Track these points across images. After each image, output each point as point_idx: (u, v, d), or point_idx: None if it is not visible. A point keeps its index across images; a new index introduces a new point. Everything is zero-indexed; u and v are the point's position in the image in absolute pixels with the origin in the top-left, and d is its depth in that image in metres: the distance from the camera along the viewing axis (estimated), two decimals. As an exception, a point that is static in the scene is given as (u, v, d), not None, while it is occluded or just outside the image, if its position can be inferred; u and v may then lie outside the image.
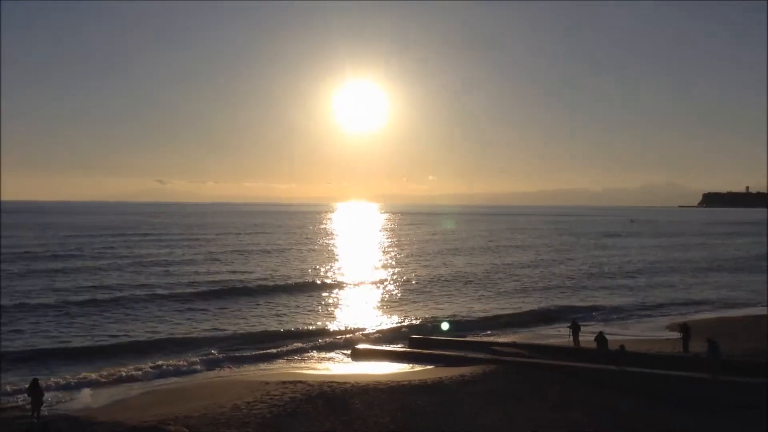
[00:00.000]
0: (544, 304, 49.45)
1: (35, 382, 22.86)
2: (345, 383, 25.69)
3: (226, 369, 30.90)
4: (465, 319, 43.06)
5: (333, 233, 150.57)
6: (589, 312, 46.22)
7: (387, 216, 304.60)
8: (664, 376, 25.93)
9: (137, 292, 51.27)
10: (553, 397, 23.81)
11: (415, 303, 49.98)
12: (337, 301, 50.72)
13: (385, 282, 61.29)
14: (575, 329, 32.79)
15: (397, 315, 44.69)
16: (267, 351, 33.88)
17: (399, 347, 34.47)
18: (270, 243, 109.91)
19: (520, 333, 39.41)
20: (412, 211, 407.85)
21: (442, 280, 62.97)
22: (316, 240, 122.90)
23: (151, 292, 51.36)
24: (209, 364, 31.23)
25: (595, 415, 21.74)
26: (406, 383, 25.67)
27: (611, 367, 27.18)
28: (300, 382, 26.15)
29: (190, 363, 31.04)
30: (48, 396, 24.19)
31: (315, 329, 39.55)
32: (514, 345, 33.33)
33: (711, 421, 21.19)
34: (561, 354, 30.92)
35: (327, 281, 61.11)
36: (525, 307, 47.76)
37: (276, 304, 48.52)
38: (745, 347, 31.38)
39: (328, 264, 77.06)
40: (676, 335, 33.77)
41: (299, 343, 35.52)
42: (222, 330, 38.92)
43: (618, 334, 37.49)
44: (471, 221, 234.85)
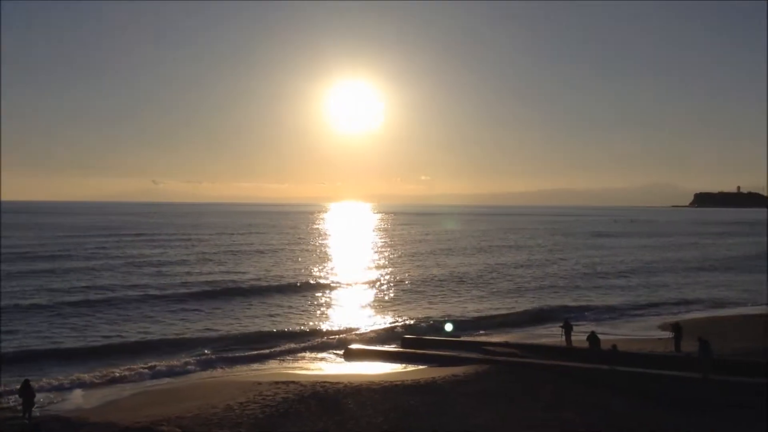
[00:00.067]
0: (536, 304, 49.54)
1: (26, 382, 22.75)
2: (338, 383, 25.69)
3: (218, 369, 30.85)
4: (458, 319, 43.04)
5: (326, 233, 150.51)
6: (582, 312, 46.36)
7: (380, 216, 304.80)
8: (656, 375, 26.07)
9: (130, 292, 51.14)
10: (546, 397, 23.88)
11: (408, 303, 50.01)
12: (330, 302, 50.70)
13: (378, 282, 61.31)
14: (568, 329, 32.93)
15: (390, 315, 44.73)
16: (260, 351, 33.85)
17: (392, 347, 34.51)
18: (263, 243, 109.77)
19: (512, 333, 39.51)
20: (405, 211, 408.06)
21: (435, 280, 63.03)
22: (309, 240, 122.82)
23: (144, 292, 51.25)
24: (202, 364, 31.18)
25: (588, 415, 21.82)
26: (399, 383, 25.70)
27: (603, 367, 27.28)
28: (293, 382, 26.14)
29: (182, 363, 30.99)
30: (39, 397, 24.09)
31: (308, 329, 39.55)
32: (506, 345, 33.42)
33: (703, 421, 21.29)
34: (553, 353, 31.05)
35: (320, 281, 61.08)
36: (518, 307, 47.85)
37: (269, 304, 48.48)
38: (736, 347, 31.56)
39: (321, 264, 77.06)
40: (668, 335, 33.92)
41: (292, 344, 35.52)
42: (215, 330, 38.87)
43: (610, 333, 37.65)
44: (465, 221, 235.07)
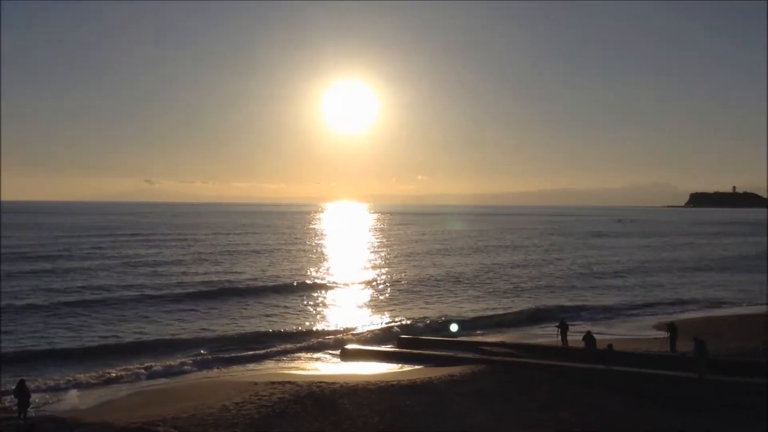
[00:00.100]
0: (533, 303, 49.62)
1: (22, 383, 22.69)
2: (334, 383, 25.68)
3: (215, 370, 30.80)
4: (454, 319, 43.06)
5: (322, 233, 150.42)
6: (578, 311, 46.45)
7: (376, 216, 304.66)
8: (651, 375, 26.15)
9: (126, 292, 51.05)
10: (542, 397, 23.92)
11: (405, 303, 50.03)
12: (327, 302, 50.68)
13: (375, 282, 61.31)
14: (563, 329, 32.97)
15: (387, 315, 44.74)
16: (256, 351, 33.82)
17: (388, 347, 34.51)
18: (259, 243, 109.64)
19: (509, 333, 39.57)
20: (401, 211, 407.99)
21: (431, 280, 63.05)
22: (305, 240, 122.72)
23: (140, 292, 51.15)
24: (198, 364, 31.15)
25: (584, 415, 21.86)
26: (395, 383, 25.70)
27: (599, 367, 27.34)
28: (289, 382, 26.12)
29: (178, 364, 30.95)
30: (35, 397, 24.04)
31: (304, 329, 39.53)
32: (502, 345, 33.45)
33: (698, 420, 21.35)
34: (549, 353, 31.08)
35: (316, 281, 61.06)
36: (514, 307, 47.90)
37: (265, 304, 48.43)
38: (731, 346, 31.66)
39: (317, 264, 77.03)
40: (663, 334, 33.95)
41: (288, 344, 35.49)
42: (211, 330, 38.83)
43: (606, 333, 37.73)
44: (462, 221, 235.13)
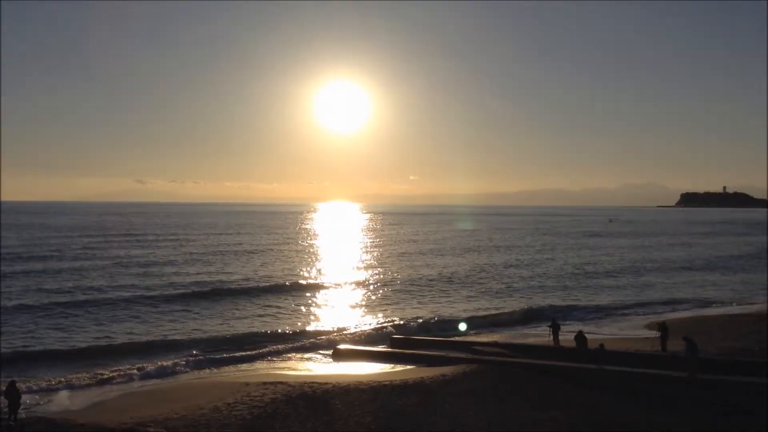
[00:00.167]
0: (525, 303, 49.71)
1: (12, 384, 22.52)
2: (326, 384, 25.66)
3: (206, 370, 30.68)
4: (447, 319, 43.18)
5: (315, 233, 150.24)
6: (570, 311, 46.60)
7: (369, 216, 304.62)
8: (642, 374, 26.27)
9: (117, 293, 50.80)
10: (534, 396, 23.97)
11: (397, 303, 50.02)
12: (319, 302, 50.61)
13: (367, 282, 61.28)
14: (555, 328, 33.07)
15: (379, 315, 44.72)
16: (248, 352, 33.71)
17: (380, 347, 34.51)
18: (251, 243, 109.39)
19: (501, 332, 39.65)
20: (393, 211, 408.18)
21: (424, 279, 63.07)
22: (298, 240, 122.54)
23: (132, 293, 50.91)
24: (190, 365, 31.02)
25: (575, 414, 21.92)
26: (387, 383, 25.70)
27: (591, 366, 27.43)
28: (281, 383, 26.08)
29: (170, 364, 30.78)
30: (26, 398, 23.87)
31: (296, 330, 39.46)
32: (495, 344, 33.51)
33: (689, 419, 21.46)
34: (541, 353, 31.17)
35: (309, 282, 60.96)
36: (506, 307, 47.98)
37: (257, 304, 48.30)
38: (721, 346, 31.86)
39: (309, 264, 76.95)
40: (654, 334, 34.12)
41: (280, 344, 35.40)
42: (203, 331, 38.70)
43: (597, 333, 37.87)
44: (453, 221, 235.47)
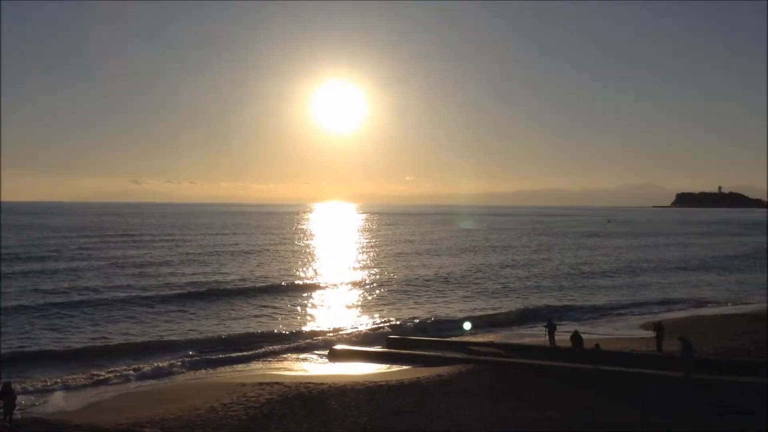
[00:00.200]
0: (521, 303, 49.76)
1: (7, 385, 22.46)
2: (322, 384, 25.66)
3: (202, 371, 30.65)
4: (443, 319, 43.22)
5: (311, 234, 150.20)
6: (566, 311, 46.67)
7: (365, 216, 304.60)
8: (638, 374, 26.33)
9: (113, 294, 50.69)
10: (530, 396, 24.00)
11: (394, 303, 50.04)
12: (315, 302, 50.59)
13: (363, 282, 61.28)
14: (551, 328, 33.14)
15: (376, 315, 44.73)
16: (244, 353, 33.68)
17: (376, 348, 34.51)
18: (248, 244, 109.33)
19: (497, 332, 39.68)
20: (390, 212, 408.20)
21: (420, 280, 63.10)
22: (294, 241, 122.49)
23: (127, 293, 50.83)
24: (186, 366, 30.97)
25: (571, 414, 21.95)
26: (383, 383, 25.70)
27: (587, 366, 27.48)
28: (277, 383, 26.06)
29: (166, 365, 30.72)
30: (21, 399, 23.83)
31: (292, 330, 39.42)
32: (491, 344, 33.55)
33: (685, 419, 21.51)
34: (537, 353, 31.21)
35: (305, 282, 60.94)
36: (503, 307, 48.04)
37: (254, 305, 48.26)
38: (717, 346, 31.95)
39: (306, 265, 76.91)
40: (650, 334, 34.21)
41: (276, 345, 35.37)
42: (199, 331, 38.65)
43: (593, 333, 37.91)
44: (450, 221, 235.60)
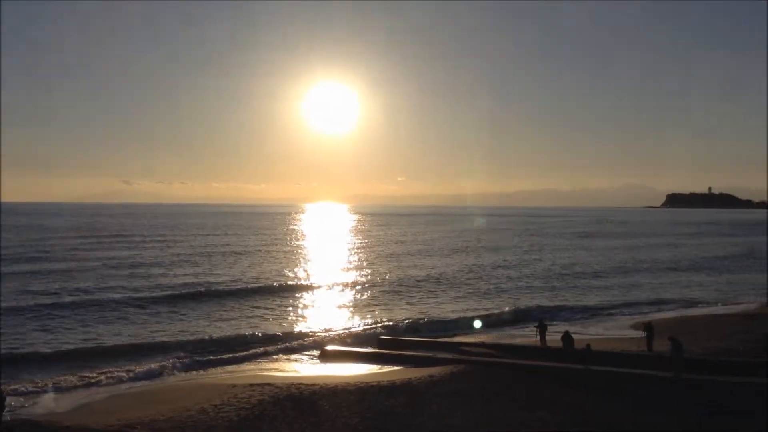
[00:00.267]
0: (513, 304, 49.85)
1: (-4, 387, 22.39)
2: (313, 385, 25.64)
3: (193, 372, 30.59)
4: (435, 320, 43.30)
5: (303, 234, 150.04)
6: (557, 312, 46.83)
7: (357, 217, 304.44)
8: (628, 374, 26.49)
9: (104, 295, 50.38)
10: (521, 396, 24.08)
11: (385, 304, 50.03)
12: (307, 303, 50.56)
13: (355, 283, 61.27)
14: (542, 329, 33.26)
15: (367, 316, 44.74)
16: (235, 354, 33.60)
17: (368, 348, 34.53)
18: (239, 244, 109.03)
19: (489, 333, 39.76)
20: (382, 212, 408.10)
21: (412, 280, 63.13)
22: (285, 241, 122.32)
23: (119, 294, 50.56)
24: (177, 367, 30.89)
25: (562, 414, 22.05)
26: (374, 384, 25.72)
27: (577, 366, 27.61)
28: (268, 384, 26.03)
29: (157, 366, 30.64)
30: (11, 401, 23.69)
31: (284, 331, 39.35)
32: (482, 345, 33.65)
33: (674, 419, 21.64)
34: (528, 353, 31.34)
35: (297, 283, 60.83)
36: (494, 308, 48.12)
37: (245, 306, 48.15)
38: (706, 346, 32.17)
39: (297, 266, 76.82)
40: (640, 334, 34.41)
41: (268, 346, 35.31)
42: (190, 333, 38.52)
43: (584, 333, 38.08)
44: (441, 222, 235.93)
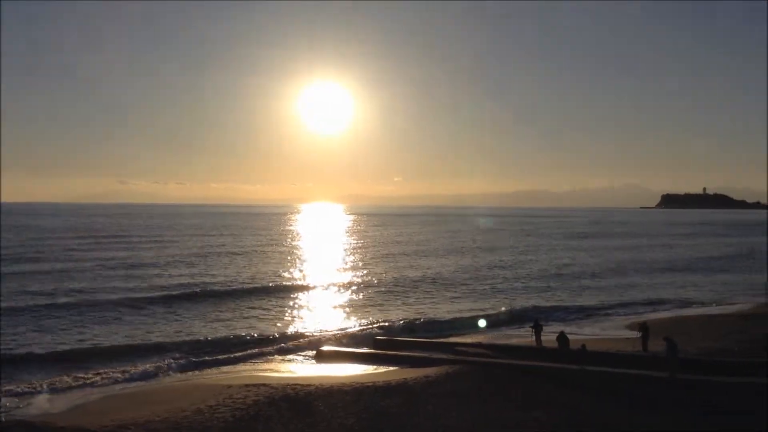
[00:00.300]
0: (508, 304, 49.88)
1: (-9, 388, 22.33)
2: (309, 385, 25.60)
3: (189, 373, 30.50)
4: (431, 320, 43.30)
5: (299, 235, 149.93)
6: (553, 312, 46.92)
7: (353, 217, 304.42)
8: (624, 374, 26.50)
9: (100, 295, 50.25)
10: (517, 397, 24.07)
11: (381, 304, 50.02)
12: (302, 304, 50.51)
13: (351, 284, 61.24)
14: (538, 329, 33.28)
15: (363, 317, 44.73)
16: (231, 354, 33.53)
17: (363, 349, 34.50)
18: (235, 245, 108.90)
19: (484, 333, 39.76)
20: (377, 213, 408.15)
21: (408, 281, 63.14)
22: (281, 242, 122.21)
23: (115, 295, 50.41)
24: (172, 368, 30.80)
25: (558, 414, 22.05)
26: (370, 384, 25.69)
27: (573, 367, 27.63)
28: (263, 385, 25.97)
29: (153, 367, 30.57)
30: (5, 401, 23.66)
31: (279, 332, 39.29)
32: (478, 345, 33.64)
33: (669, 419, 21.66)
34: (524, 353, 31.34)
35: (293, 283, 60.78)
36: (490, 308, 48.14)
37: (241, 306, 48.08)
38: (701, 346, 32.24)
39: (293, 266, 76.75)
40: (635, 334, 34.47)
41: (263, 346, 35.26)
42: (186, 333, 38.45)
43: (579, 333, 38.17)
44: (438, 222, 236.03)
